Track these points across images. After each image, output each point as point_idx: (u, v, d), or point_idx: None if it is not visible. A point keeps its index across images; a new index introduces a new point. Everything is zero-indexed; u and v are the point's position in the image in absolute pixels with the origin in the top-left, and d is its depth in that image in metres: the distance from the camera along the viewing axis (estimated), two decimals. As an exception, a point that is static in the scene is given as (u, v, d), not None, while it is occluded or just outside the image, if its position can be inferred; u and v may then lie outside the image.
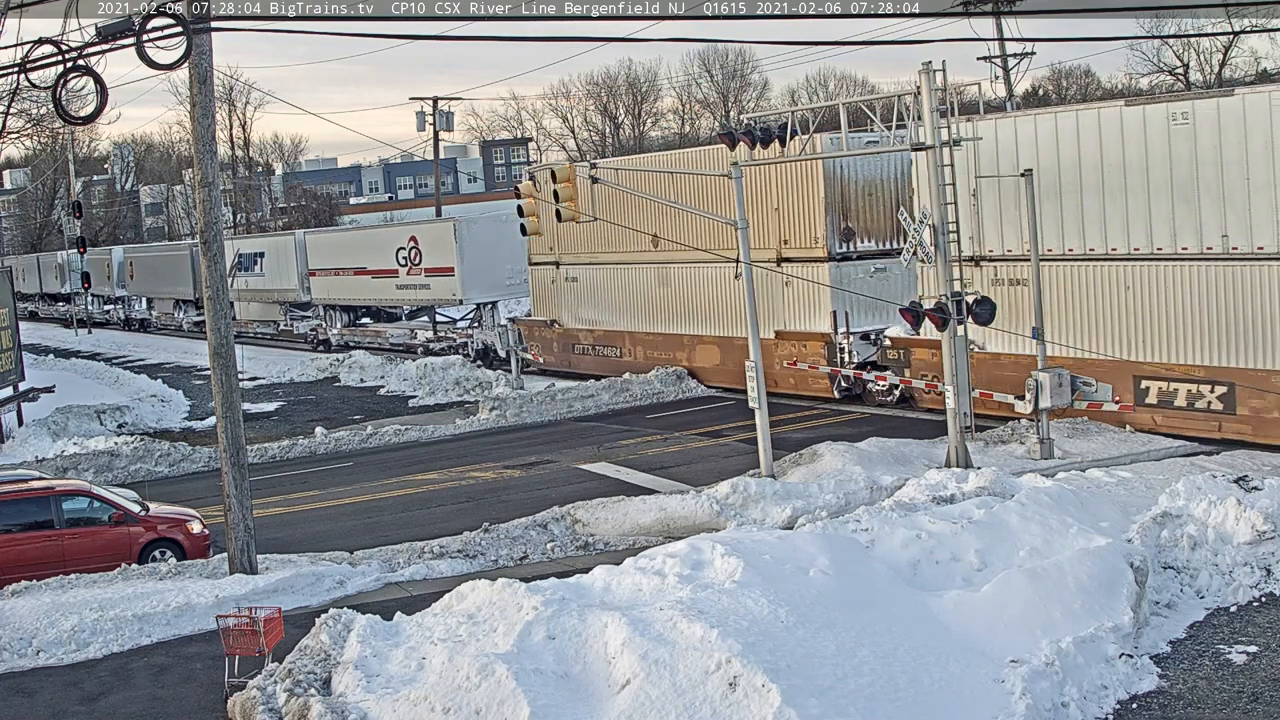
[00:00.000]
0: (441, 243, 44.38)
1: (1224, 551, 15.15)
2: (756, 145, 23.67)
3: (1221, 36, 62.29)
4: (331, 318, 52.58)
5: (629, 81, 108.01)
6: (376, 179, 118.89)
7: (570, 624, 12.50)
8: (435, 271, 44.74)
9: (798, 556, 13.80)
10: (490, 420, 32.27)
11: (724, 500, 20.19)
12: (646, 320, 36.64)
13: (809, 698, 10.98)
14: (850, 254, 30.79)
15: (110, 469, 28.25)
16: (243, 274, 54.67)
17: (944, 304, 21.97)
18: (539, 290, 41.25)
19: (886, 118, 23.14)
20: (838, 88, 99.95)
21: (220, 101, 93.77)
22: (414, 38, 22.52)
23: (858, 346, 29.57)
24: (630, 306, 37.25)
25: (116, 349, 61.25)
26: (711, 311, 34.35)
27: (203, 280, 18.53)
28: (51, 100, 15.65)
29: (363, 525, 22.49)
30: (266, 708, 12.51)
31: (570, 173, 23.55)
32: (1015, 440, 24.07)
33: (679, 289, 35.48)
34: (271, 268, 55.45)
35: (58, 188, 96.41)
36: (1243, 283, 22.61)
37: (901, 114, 22.67)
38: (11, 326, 34.59)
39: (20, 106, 35.88)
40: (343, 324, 52.02)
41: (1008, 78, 46.89)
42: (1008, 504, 16.09)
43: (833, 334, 30.10)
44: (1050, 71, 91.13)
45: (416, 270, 45.62)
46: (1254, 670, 12.71)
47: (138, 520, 19.69)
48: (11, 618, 16.30)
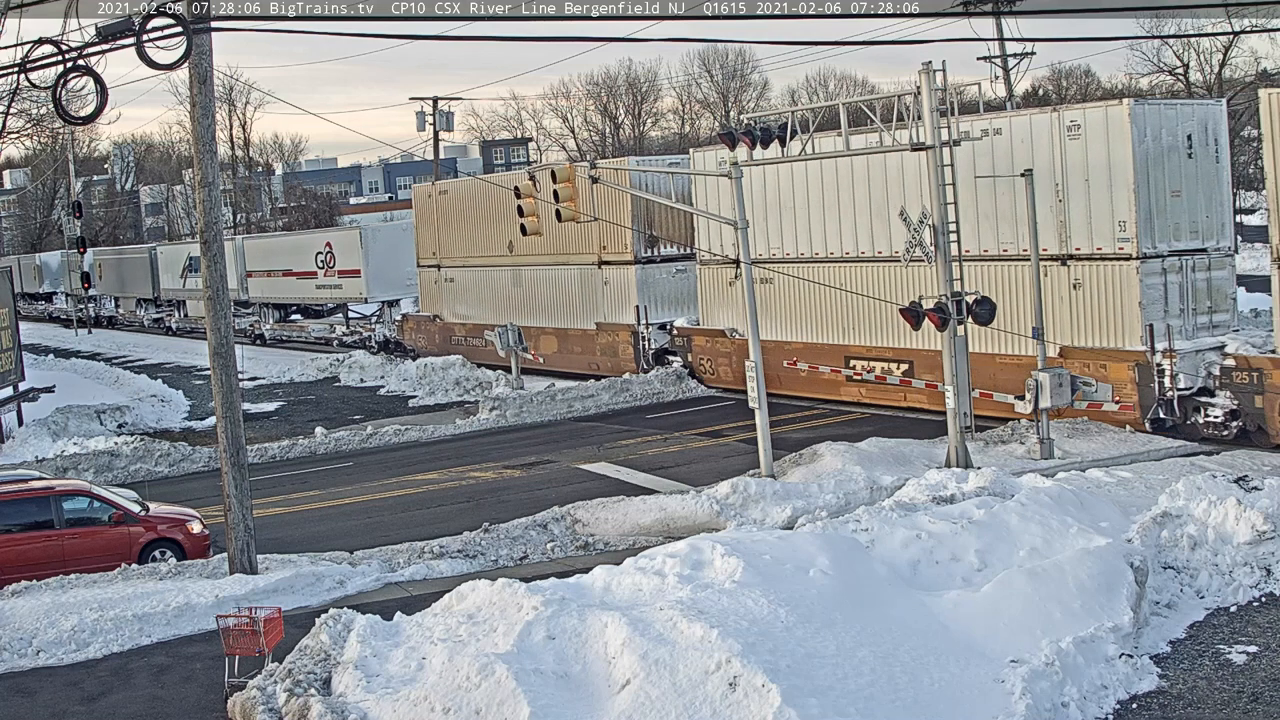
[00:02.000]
0: (350, 248, 50.57)
1: (1224, 551, 15.15)
2: (757, 145, 23.68)
3: (1221, 36, 62.24)
4: (265, 314, 58.78)
5: (629, 81, 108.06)
6: (376, 179, 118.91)
7: (570, 624, 12.50)
8: (346, 273, 50.88)
9: (798, 556, 13.80)
10: (490, 420, 32.28)
11: (724, 500, 20.19)
12: (504, 315, 41.23)
13: (809, 698, 10.98)
14: (655, 258, 36.64)
15: (110, 469, 28.25)
16: (193, 275, 60.90)
17: (944, 304, 21.99)
18: (425, 289, 47.18)
19: (886, 118, 23.14)
20: (838, 88, 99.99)
21: (220, 101, 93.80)
22: (414, 38, 22.51)
23: (655, 335, 35.43)
24: (492, 303, 43.10)
25: (116, 349, 61.31)
26: (552, 307, 40.15)
27: (202, 280, 18.53)
28: (51, 100, 15.64)
29: (363, 525, 22.49)
30: (266, 708, 12.51)
31: (570, 172, 23.58)
32: (1015, 440, 24.07)
33: (528, 288, 41.53)
34: None
35: (58, 188, 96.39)
36: (916, 279, 26.01)
37: (902, 114, 22.68)
38: (11, 326, 34.59)
39: (20, 106, 35.87)
40: (275, 320, 58.27)
41: (1008, 78, 46.88)
42: (1008, 504, 16.09)
43: (636, 324, 35.80)
44: (1050, 71, 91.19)
45: (331, 272, 51.79)
46: (1254, 670, 12.71)
47: (138, 520, 19.69)
48: (11, 618, 16.30)
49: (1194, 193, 24.58)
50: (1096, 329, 25.10)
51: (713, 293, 34.60)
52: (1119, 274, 24.57)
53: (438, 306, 46.20)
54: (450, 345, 44.49)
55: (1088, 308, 25.27)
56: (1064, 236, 25.39)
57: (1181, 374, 23.58)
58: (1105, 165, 24.54)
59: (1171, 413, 23.88)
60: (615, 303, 37.42)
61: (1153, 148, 24.35)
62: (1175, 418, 23.90)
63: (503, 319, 40.24)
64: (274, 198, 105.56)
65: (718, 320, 34.26)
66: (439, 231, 45.76)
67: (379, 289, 49.97)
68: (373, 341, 49.97)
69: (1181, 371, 23.58)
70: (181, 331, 65.95)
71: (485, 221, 42.25)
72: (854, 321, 29.93)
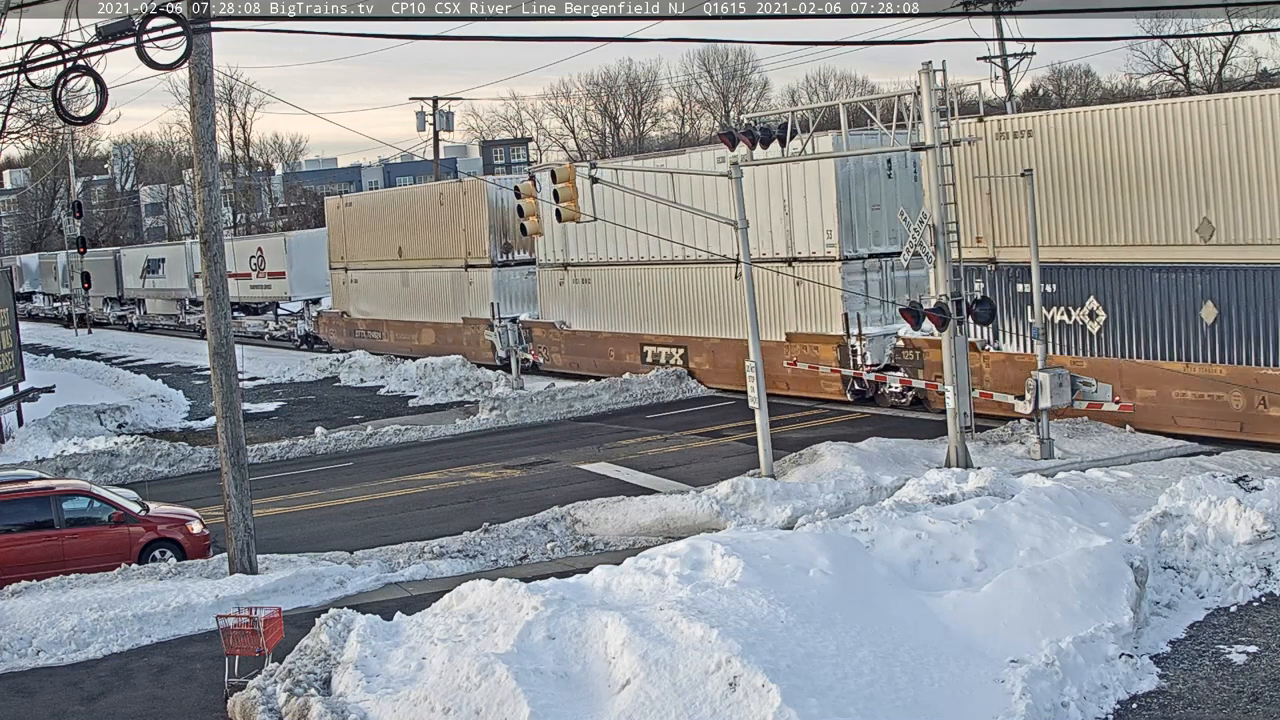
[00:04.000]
0: (277, 253, 56.65)
1: (1224, 551, 15.14)
2: (757, 145, 23.69)
3: (1221, 36, 62.26)
4: None
5: (629, 81, 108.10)
6: (377, 179, 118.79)
7: (570, 624, 12.49)
8: (274, 275, 56.95)
9: (798, 556, 13.80)
10: (490, 420, 32.27)
11: (724, 500, 20.18)
12: (395, 312, 48.59)
13: (809, 698, 10.97)
14: (510, 262, 42.96)
15: (110, 469, 28.24)
16: (151, 276, 69.17)
17: (944, 304, 22.01)
18: (336, 289, 53.32)
19: (886, 118, 23.15)
20: (838, 88, 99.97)
21: (220, 101, 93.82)
22: (414, 38, 22.52)
23: (510, 328, 39.71)
24: (387, 301, 49.22)
25: (116, 349, 61.42)
26: (430, 304, 46.28)
27: (203, 280, 18.55)
28: (51, 100, 15.64)
29: (363, 525, 22.49)
30: (266, 708, 12.51)
31: (570, 172, 23.58)
32: (1015, 440, 24.07)
33: (413, 287, 47.40)
34: (171, 271, 67.64)
35: (58, 188, 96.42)
36: (686, 279, 34.41)
37: (902, 114, 22.69)
38: (11, 326, 34.57)
39: (20, 106, 35.87)
40: None
41: (1008, 78, 46.87)
42: (1008, 504, 16.08)
43: (492, 319, 40.60)
44: (1050, 71, 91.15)
45: (262, 274, 57.97)
46: (1254, 670, 12.71)
47: (138, 520, 19.68)
48: (11, 618, 16.29)
49: (893, 206, 27.87)
50: (813, 318, 30.90)
51: (548, 291, 40.36)
52: (827, 273, 29.96)
53: (345, 304, 52.26)
54: (354, 338, 50.85)
55: (807, 301, 30.96)
56: (790, 242, 31.00)
57: (869, 354, 29.04)
58: (818, 183, 29.84)
59: (864, 385, 29.57)
60: (478, 300, 43.11)
61: (854, 169, 29.67)
62: (867, 389, 29.58)
63: (394, 315, 48.55)
64: (274, 198, 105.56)
65: (551, 315, 40.27)
66: (346, 239, 51.86)
67: (301, 289, 55.90)
68: (295, 335, 56.40)
69: (869, 352, 29.04)
70: (143, 328, 71.84)
71: (382, 230, 49.08)
72: (649, 314, 36.20)
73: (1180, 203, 23.11)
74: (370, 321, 50.16)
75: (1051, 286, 25.14)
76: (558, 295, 39.86)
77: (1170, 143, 23.17)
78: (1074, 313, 25.50)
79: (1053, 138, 25.12)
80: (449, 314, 45.23)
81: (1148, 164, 23.62)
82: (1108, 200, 24.38)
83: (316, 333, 54.54)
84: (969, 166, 25.82)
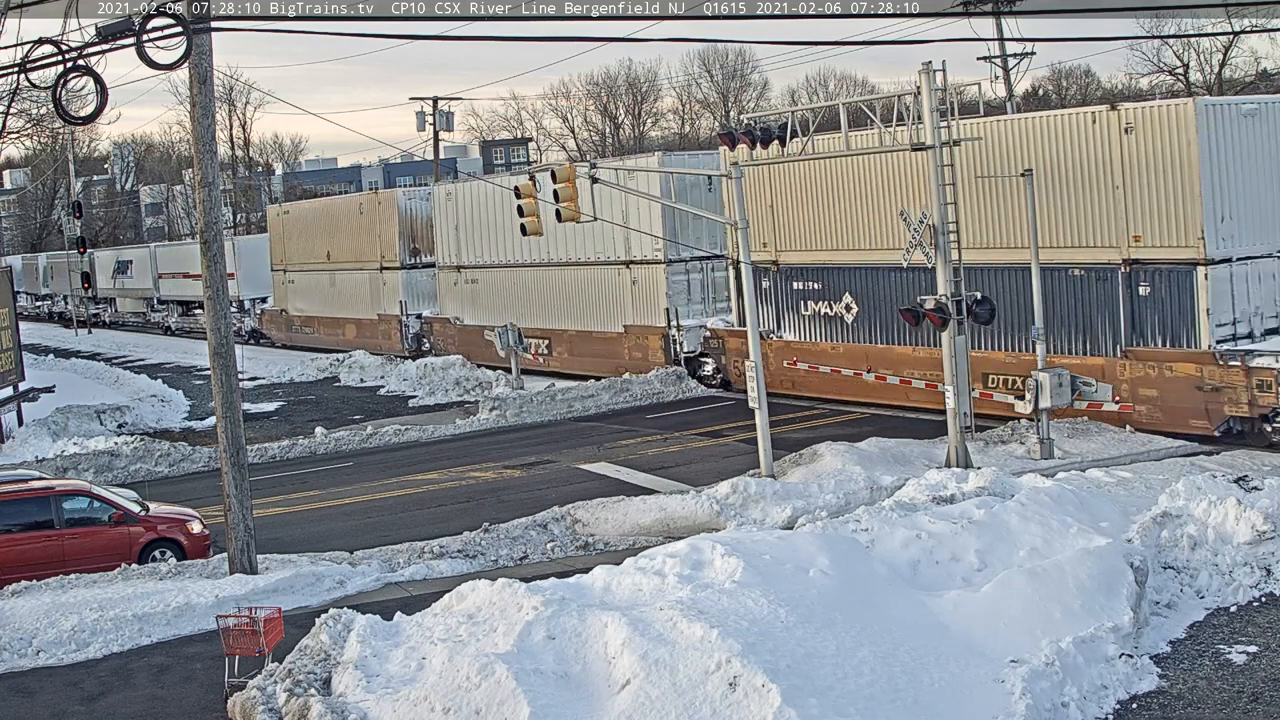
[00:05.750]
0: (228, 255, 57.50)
1: (1224, 551, 15.14)
2: (757, 145, 23.68)
3: (1221, 36, 62.23)
4: (171, 310, 70.08)
5: (629, 81, 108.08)
6: (377, 179, 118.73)
7: (570, 624, 12.49)
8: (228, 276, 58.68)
9: (798, 556, 13.80)
10: (490, 420, 32.27)
11: (724, 500, 20.18)
12: (325, 309, 54.36)
13: (809, 698, 10.97)
14: (417, 265, 48.11)
15: (110, 469, 28.24)
16: (121, 276, 74.48)
17: (944, 304, 22.00)
18: (276, 289, 58.71)
19: (886, 118, 23.15)
20: (838, 88, 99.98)
21: (220, 101, 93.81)
22: (414, 38, 22.52)
23: (413, 322, 46.96)
24: (318, 299, 54.80)
25: (116, 349, 61.51)
26: (352, 302, 51.75)
27: (203, 280, 18.55)
28: (51, 100, 15.63)
29: (363, 525, 22.48)
30: (266, 708, 12.51)
31: (570, 172, 23.58)
32: (1015, 440, 24.06)
33: (339, 287, 53.05)
34: (138, 272, 73.20)
35: (58, 188, 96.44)
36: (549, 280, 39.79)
37: (902, 114, 22.68)
38: (11, 326, 34.57)
39: (20, 106, 35.87)
40: (179, 314, 68.95)
41: (1008, 78, 46.85)
42: (1008, 504, 16.08)
43: (401, 315, 47.56)
44: (1050, 71, 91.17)
45: None
46: (1254, 670, 12.71)
47: (138, 520, 19.68)
48: (11, 618, 16.29)
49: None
50: (645, 313, 36.20)
51: (445, 290, 45.49)
52: (655, 274, 35.57)
53: (284, 302, 57.59)
54: (292, 333, 56.51)
55: (641, 298, 36.28)
56: (629, 248, 35.92)
57: (686, 342, 34.76)
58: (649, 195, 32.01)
59: (682, 366, 34.90)
60: (390, 298, 48.86)
61: (677, 185, 33.89)
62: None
63: (324, 311, 54.28)
64: (274, 198, 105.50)
65: (447, 311, 45.33)
66: (285, 243, 56.97)
67: (249, 289, 60.56)
68: (242, 331, 59.23)
69: (686, 340, 34.74)
70: (115, 325, 76.32)
71: (314, 236, 54.46)
72: (523, 310, 40.59)
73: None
74: (305, 318, 55.76)
75: (817, 284, 30.82)
76: (452, 294, 45.02)
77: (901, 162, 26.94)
78: (834, 306, 30.62)
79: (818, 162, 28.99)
80: (367, 310, 50.65)
81: (878, 180, 28.48)
82: (853, 211, 29.23)
83: (260, 328, 60.10)
84: (759, 185, 30.87)
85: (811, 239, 29.78)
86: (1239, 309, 23.44)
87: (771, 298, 32.14)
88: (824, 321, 30.78)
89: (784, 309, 31.95)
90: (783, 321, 32.12)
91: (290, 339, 56.65)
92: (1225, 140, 23.21)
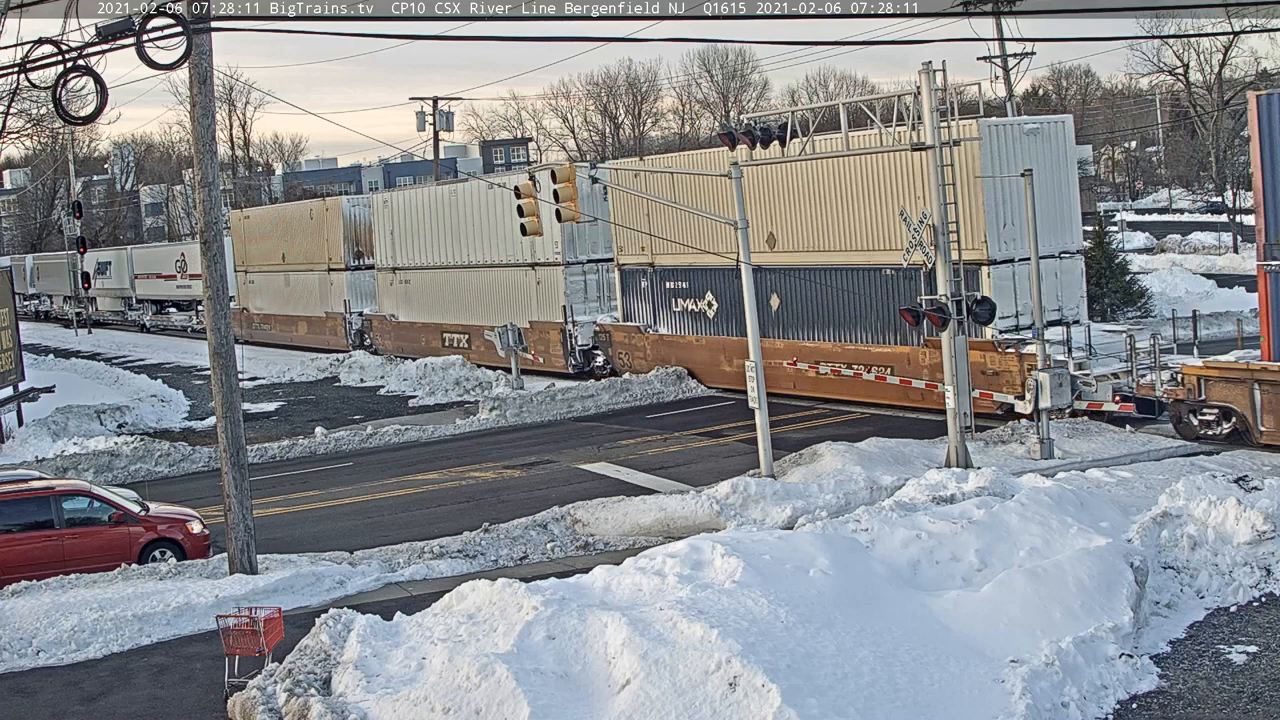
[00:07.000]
0: (195, 257, 62.13)
1: (1224, 551, 15.14)
2: (756, 145, 23.66)
3: (1221, 36, 62.26)
4: (146, 308, 74.07)
5: (629, 81, 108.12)
6: (376, 179, 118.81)
7: (570, 624, 12.49)
8: (195, 276, 63.47)
9: (798, 556, 13.80)
10: (490, 420, 32.27)
11: (724, 500, 20.18)
12: (280, 307, 58.19)
13: (809, 698, 10.98)
14: (360, 266, 52.10)
15: (110, 469, 28.23)
16: (101, 277, 77.04)
17: (944, 304, 21.99)
18: (239, 288, 60.69)
19: (886, 118, 23.14)
20: (838, 88, 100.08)
21: (220, 101, 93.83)
22: (414, 38, 22.52)
23: (356, 320, 51.10)
24: (275, 298, 58.73)
25: (116, 349, 61.49)
26: (304, 301, 55.35)
27: (203, 280, 18.54)
28: (51, 100, 15.60)
29: (363, 525, 22.48)
30: (266, 708, 12.51)
31: (570, 172, 23.57)
32: (1015, 440, 24.07)
33: (293, 287, 56.66)
34: (116, 273, 77.08)
35: (58, 188, 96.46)
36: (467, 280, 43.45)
37: (902, 114, 22.67)
38: (11, 326, 34.56)
39: (20, 106, 35.85)
40: (153, 313, 72.84)
41: (1008, 78, 46.82)
42: (1008, 504, 16.08)
43: (345, 313, 51.82)
44: (1050, 71, 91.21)
45: (185, 276, 67.37)
46: (1254, 670, 12.71)
47: (138, 520, 19.67)
48: (11, 618, 16.29)
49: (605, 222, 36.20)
50: (547, 310, 39.73)
51: (383, 290, 49.34)
52: (555, 275, 39.23)
53: (246, 301, 61.17)
54: (252, 330, 59.55)
55: (544, 297, 39.90)
56: (533, 251, 39.45)
57: (580, 336, 38.52)
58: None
59: (578, 359, 38.53)
60: (337, 298, 53.08)
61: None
62: (580, 364, 38.59)
63: (279, 310, 58.14)
64: (274, 198, 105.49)
65: (385, 309, 49.28)
66: (246, 245, 61.08)
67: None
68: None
69: (580, 334, 38.53)
70: (98, 323, 77.45)
71: (271, 239, 58.52)
72: (446, 308, 44.77)
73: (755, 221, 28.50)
74: (263, 316, 59.89)
75: (684, 283, 35.15)
76: (389, 293, 49.03)
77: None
78: (698, 303, 34.73)
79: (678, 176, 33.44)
80: (317, 309, 54.75)
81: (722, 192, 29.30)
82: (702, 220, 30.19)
83: None
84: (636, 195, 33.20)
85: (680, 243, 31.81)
86: (1020, 303, 26.81)
87: (649, 296, 36.70)
88: (691, 317, 35.14)
89: (659, 306, 36.36)
90: (659, 317, 36.44)
91: (250, 335, 58.81)
92: (1007, 155, 26.78)
